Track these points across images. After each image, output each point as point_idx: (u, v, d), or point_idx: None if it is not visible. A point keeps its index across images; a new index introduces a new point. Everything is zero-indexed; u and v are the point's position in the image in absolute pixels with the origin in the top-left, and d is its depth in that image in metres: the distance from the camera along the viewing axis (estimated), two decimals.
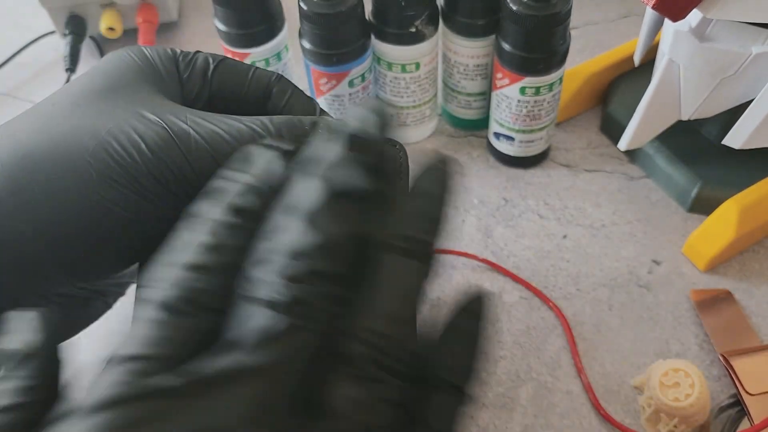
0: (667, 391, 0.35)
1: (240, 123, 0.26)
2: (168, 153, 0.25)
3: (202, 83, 0.30)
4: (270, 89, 0.31)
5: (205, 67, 0.31)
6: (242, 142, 0.25)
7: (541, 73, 0.42)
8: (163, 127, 0.26)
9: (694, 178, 0.44)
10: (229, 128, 0.26)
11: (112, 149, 0.25)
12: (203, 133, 0.26)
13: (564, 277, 0.42)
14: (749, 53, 0.37)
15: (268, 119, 0.27)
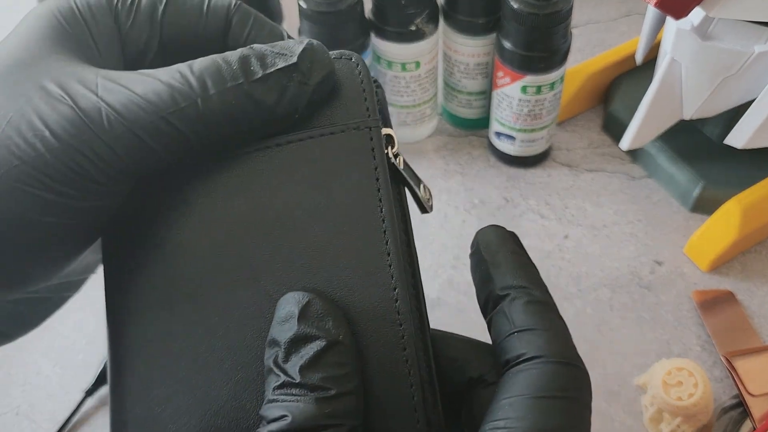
0: (670, 390, 0.35)
1: (157, 80, 0.23)
2: (78, 137, 0.22)
3: (149, 31, 0.26)
4: (229, 21, 0.26)
5: (152, 11, 0.26)
6: (161, 106, 0.22)
7: (542, 71, 0.42)
8: (69, 105, 0.22)
9: (696, 178, 0.44)
10: (146, 90, 0.22)
11: (15, 145, 0.22)
12: (117, 104, 0.22)
13: (565, 277, 0.42)
14: (752, 52, 0.37)
15: (188, 68, 0.23)
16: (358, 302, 0.22)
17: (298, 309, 0.21)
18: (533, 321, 0.22)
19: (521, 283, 0.23)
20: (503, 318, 0.23)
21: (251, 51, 0.23)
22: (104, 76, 0.23)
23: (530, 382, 0.21)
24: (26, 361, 0.41)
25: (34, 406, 0.39)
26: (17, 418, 0.38)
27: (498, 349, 0.23)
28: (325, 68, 0.24)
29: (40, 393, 0.39)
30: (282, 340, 0.21)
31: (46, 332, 0.42)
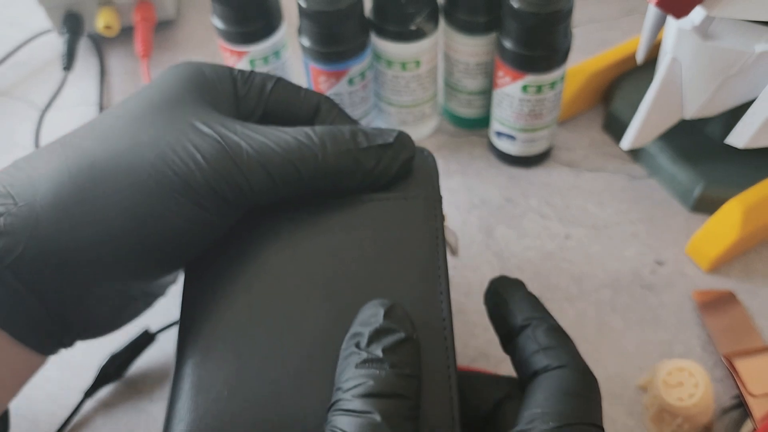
0: (671, 390, 0.35)
1: (287, 135, 0.29)
2: (222, 164, 0.28)
3: (258, 100, 0.33)
4: (318, 107, 0.34)
5: (262, 86, 0.33)
6: (290, 153, 0.28)
7: (542, 71, 0.41)
8: (216, 140, 0.28)
9: (698, 178, 0.44)
10: (278, 140, 0.29)
11: (171, 161, 0.27)
12: (254, 144, 0.28)
13: (566, 277, 0.42)
14: (753, 52, 0.37)
15: (311, 129, 0.29)
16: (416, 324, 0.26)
17: (384, 309, 0.25)
18: (555, 342, 0.27)
19: (540, 315, 0.28)
20: (528, 340, 0.27)
21: (359, 128, 0.30)
22: (243, 125, 0.29)
23: (559, 383, 0.26)
24: None
25: (33, 406, 0.39)
26: (16, 418, 0.38)
27: (526, 364, 0.27)
28: (411, 151, 0.31)
29: (40, 394, 0.39)
30: (366, 332, 0.25)
31: None
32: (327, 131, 0.30)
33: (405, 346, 0.25)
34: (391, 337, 0.25)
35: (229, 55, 0.45)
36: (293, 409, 0.25)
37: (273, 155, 0.28)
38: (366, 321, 0.25)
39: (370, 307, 0.26)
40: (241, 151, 0.28)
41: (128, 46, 0.59)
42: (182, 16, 0.61)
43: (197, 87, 0.31)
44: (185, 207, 0.27)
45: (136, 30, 0.56)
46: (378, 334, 0.25)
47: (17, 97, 0.56)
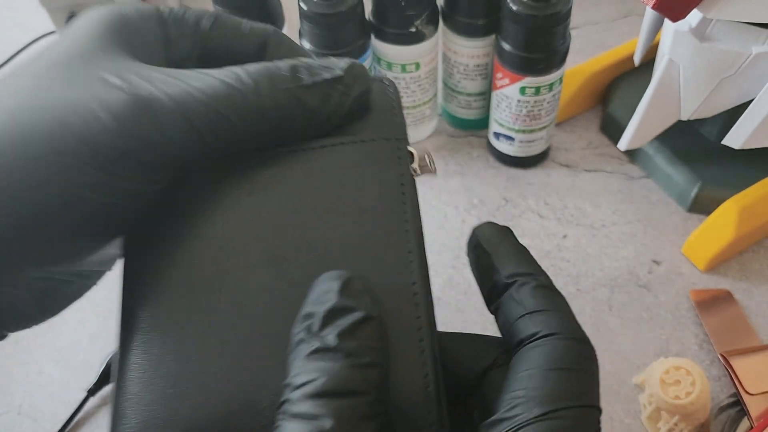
0: (668, 388, 0.35)
1: (212, 77, 0.24)
2: (134, 121, 0.23)
3: (192, 41, 0.28)
4: (266, 43, 0.29)
5: (197, 24, 0.28)
6: (217, 99, 0.24)
7: (541, 72, 0.42)
8: (127, 93, 0.23)
9: (694, 178, 0.44)
10: (202, 84, 0.24)
11: (71, 124, 0.23)
12: (174, 93, 0.24)
13: (564, 276, 0.42)
14: (749, 53, 0.37)
15: (242, 69, 0.25)
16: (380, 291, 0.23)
17: (339, 284, 0.22)
18: (543, 303, 0.23)
19: (527, 270, 0.24)
20: (513, 302, 0.24)
21: (300, 62, 0.26)
22: (160, 71, 0.24)
23: (546, 355, 0.22)
24: (28, 360, 0.41)
25: (36, 405, 0.39)
26: (19, 417, 0.39)
27: (510, 332, 0.24)
28: (364, 84, 0.26)
29: (42, 393, 0.39)
30: (319, 312, 0.21)
31: (48, 332, 0.42)
32: (262, 69, 0.25)
33: (364, 327, 0.21)
34: (346, 318, 0.21)
35: None
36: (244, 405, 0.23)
37: (195, 103, 0.24)
38: (319, 299, 0.22)
39: (323, 282, 0.22)
40: (157, 103, 0.23)
41: None
42: None
43: (113, 34, 0.26)
44: (95, 177, 0.23)
45: None
46: (332, 315, 0.21)
47: None
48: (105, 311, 0.43)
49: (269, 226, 0.25)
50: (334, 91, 0.25)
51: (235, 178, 0.25)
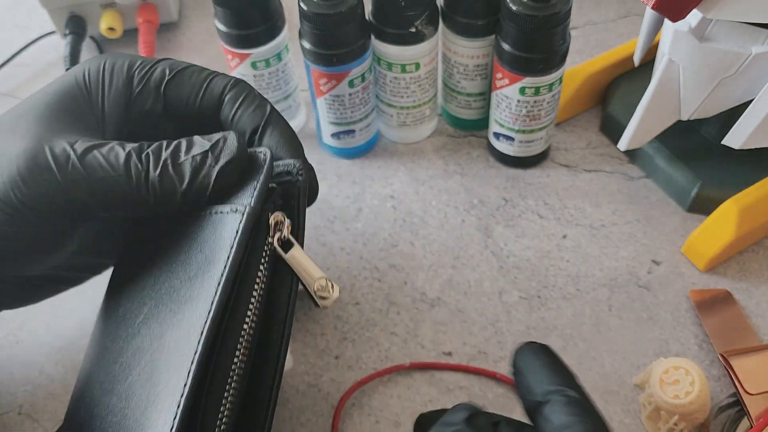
0: (667, 388, 0.35)
1: (121, 149, 0.30)
2: (38, 175, 0.29)
3: (154, 98, 0.33)
4: (222, 100, 0.33)
5: (160, 81, 0.33)
6: (115, 168, 0.29)
7: (540, 73, 0.42)
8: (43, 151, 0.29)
9: (694, 178, 0.44)
10: (108, 153, 0.29)
11: None
12: (82, 157, 0.29)
13: (564, 277, 0.43)
14: (749, 53, 0.37)
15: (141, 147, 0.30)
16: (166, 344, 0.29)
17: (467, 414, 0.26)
18: (571, 420, 0.25)
19: (558, 386, 0.26)
20: (544, 421, 0.26)
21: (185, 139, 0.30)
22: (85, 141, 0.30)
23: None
24: (28, 360, 0.41)
25: (36, 405, 0.39)
26: (19, 417, 0.39)
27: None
28: (231, 154, 0.30)
29: (43, 392, 0.40)
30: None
31: (48, 332, 0.42)
32: (155, 147, 0.30)
33: None
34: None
35: (231, 57, 0.45)
36: None
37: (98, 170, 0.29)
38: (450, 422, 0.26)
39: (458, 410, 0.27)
40: (67, 163, 0.29)
41: (131, 48, 0.59)
42: (184, 18, 0.62)
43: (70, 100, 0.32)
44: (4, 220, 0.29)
45: (139, 32, 0.56)
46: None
47: (21, 98, 0.57)
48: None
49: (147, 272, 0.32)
50: (202, 165, 0.30)
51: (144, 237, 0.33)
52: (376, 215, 0.46)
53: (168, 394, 0.27)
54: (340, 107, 0.46)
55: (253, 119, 0.32)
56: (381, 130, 0.51)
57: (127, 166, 0.29)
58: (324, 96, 0.45)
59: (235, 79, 0.33)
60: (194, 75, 0.33)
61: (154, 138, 0.32)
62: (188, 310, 0.28)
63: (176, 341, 0.28)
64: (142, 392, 0.28)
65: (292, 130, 0.33)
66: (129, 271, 0.33)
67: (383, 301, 0.42)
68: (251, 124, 0.32)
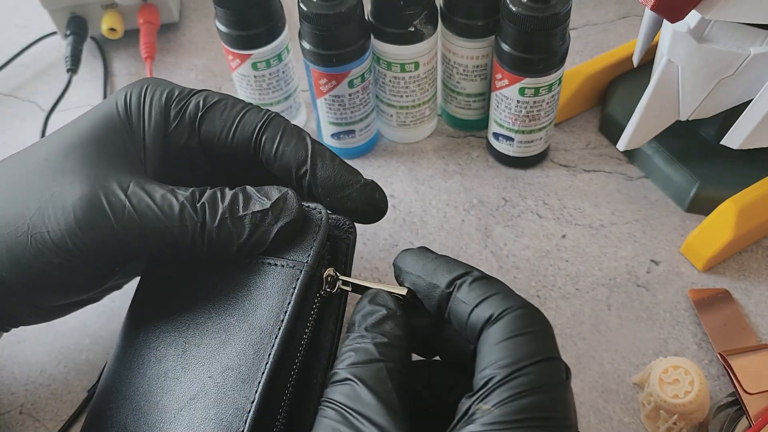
0: (667, 387, 0.35)
1: (174, 198, 0.30)
2: (95, 224, 0.29)
3: (189, 133, 0.33)
4: (260, 135, 0.33)
5: (194, 116, 0.33)
6: (170, 218, 0.30)
7: (540, 73, 0.42)
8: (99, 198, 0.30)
9: (693, 178, 0.44)
10: (162, 201, 0.30)
11: (47, 216, 0.30)
12: (137, 205, 0.30)
13: (563, 276, 0.43)
14: (748, 54, 0.37)
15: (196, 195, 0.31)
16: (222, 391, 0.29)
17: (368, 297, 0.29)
18: (483, 292, 0.27)
19: (458, 272, 0.28)
20: (459, 304, 0.27)
21: (241, 192, 0.31)
22: (138, 183, 0.31)
23: (501, 330, 0.25)
24: (30, 360, 0.41)
25: (38, 405, 0.39)
26: (21, 416, 0.39)
27: (468, 329, 0.27)
28: (291, 215, 0.31)
29: (44, 392, 0.40)
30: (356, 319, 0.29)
31: (50, 332, 0.42)
32: (209, 197, 0.31)
33: (387, 320, 0.28)
34: (373, 317, 0.28)
35: (231, 58, 0.45)
36: None
37: (152, 218, 0.30)
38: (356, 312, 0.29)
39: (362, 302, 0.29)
40: (123, 211, 0.30)
41: (132, 49, 0.59)
42: (185, 19, 0.62)
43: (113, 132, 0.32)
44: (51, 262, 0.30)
45: (140, 33, 0.56)
46: (364, 318, 0.28)
47: (23, 99, 0.57)
48: (107, 311, 0.43)
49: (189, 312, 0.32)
50: (262, 222, 0.30)
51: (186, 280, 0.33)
52: None
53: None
54: (340, 107, 0.46)
55: (297, 154, 0.33)
56: (381, 131, 0.51)
57: (182, 216, 0.30)
58: (324, 96, 0.45)
59: (269, 114, 0.33)
60: (226, 110, 0.33)
61: (192, 174, 0.33)
62: (239, 357, 0.29)
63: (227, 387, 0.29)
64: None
65: (339, 158, 0.34)
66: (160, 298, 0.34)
67: None
68: (296, 159, 0.33)
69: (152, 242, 0.30)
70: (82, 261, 0.30)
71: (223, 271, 0.32)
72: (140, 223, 0.30)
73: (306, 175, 0.33)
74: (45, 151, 0.32)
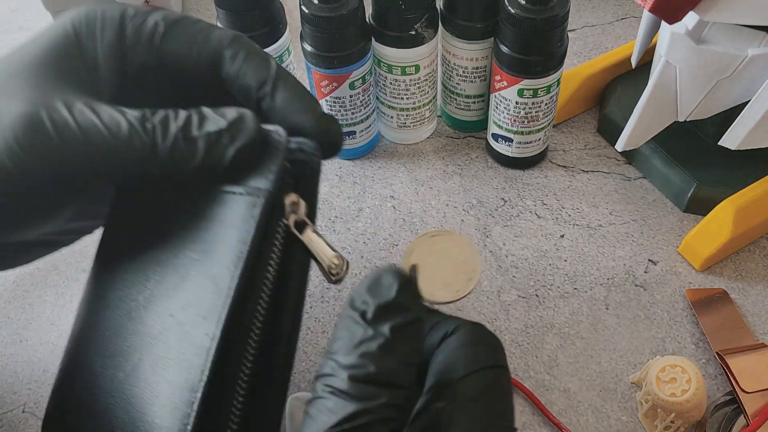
0: (664, 386, 0.35)
1: (123, 117, 0.28)
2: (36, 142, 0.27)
3: (148, 51, 0.30)
4: (221, 54, 0.31)
5: (152, 34, 0.30)
6: (117, 137, 0.27)
7: (538, 75, 0.42)
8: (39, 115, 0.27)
9: (690, 179, 0.45)
10: (109, 120, 0.28)
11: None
12: (82, 123, 0.27)
13: (561, 276, 0.43)
14: (745, 55, 0.37)
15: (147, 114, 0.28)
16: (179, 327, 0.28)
17: (398, 284, 0.24)
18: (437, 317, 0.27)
19: None
20: None
21: (196, 112, 0.29)
22: (85, 102, 0.28)
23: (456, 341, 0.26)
24: (32, 358, 0.41)
25: (41, 403, 0.39)
26: (23, 415, 0.39)
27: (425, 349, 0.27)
28: (248, 136, 0.28)
29: (47, 391, 0.40)
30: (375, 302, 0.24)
31: (52, 330, 0.42)
32: (162, 118, 0.28)
33: (415, 328, 0.24)
34: (402, 316, 0.24)
35: None
36: None
37: (98, 135, 0.27)
38: (377, 290, 0.24)
39: (385, 275, 0.25)
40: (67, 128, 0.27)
41: None
42: None
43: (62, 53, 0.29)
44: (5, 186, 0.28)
45: None
46: (387, 309, 0.24)
47: None
48: None
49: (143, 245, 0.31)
50: (217, 143, 0.28)
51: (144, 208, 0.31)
52: (377, 215, 0.46)
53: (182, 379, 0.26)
54: (341, 109, 0.46)
55: (259, 75, 0.30)
56: (381, 132, 0.51)
57: (131, 135, 0.27)
58: (325, 98, 0.46)
59: (235, 33, 0.31)
60: (190, 26, 0.31)
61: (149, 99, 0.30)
62: (198, 293, 0.27)
63: (187, 324, 0.27)
64: (151, 375, 0.27)
65: (302, 85, 0.31)
66: (123, 238, 0.32)
67: None
68: (256, 80, 0.30)
69: (99, 162, 0.28)
70: (25, 184, 0.28)
71: (183, 204, 0.30)
72: (84, 140, 0.27)
73: (265, 97, 0.30)
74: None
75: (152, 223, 0.31)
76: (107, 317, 0.30)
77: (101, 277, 0.32)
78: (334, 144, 0.31)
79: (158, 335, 0.28)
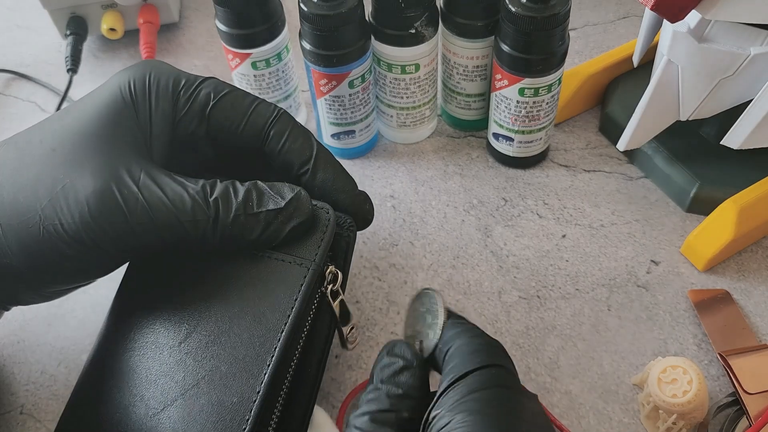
0: (665, 387, 0.35)
1: (185, 191, 0.31)
2: (109, 218, 0.30)
3: (198, 122, 0.33)
4: (268, 130, 0.34)
5: (204, 106, 0.33)
6: (182, 212, 0.30)
7: (539, 74, 0.42)
8: (111, 191, 0.30)
9: (693, 179, 0.44)
10: (173, 195, 0.30)
11: (60, 210, 0.30)
12: (149, 198, 0.30)
13: (563, 276, 0.43)
14: (748, 54, 0.37)
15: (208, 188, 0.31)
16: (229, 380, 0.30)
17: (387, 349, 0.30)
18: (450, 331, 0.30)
19: None
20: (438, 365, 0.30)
21: (254, 187, 0.31)
22: (148, 174, 0.31)
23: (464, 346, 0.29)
24: (30, 360, 0.41)
25: (38, 405, 0.39)
26: (21, 417, 0.39)
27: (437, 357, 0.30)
28: (303, 216, 0.32)
29: (45, 392, 0.40)
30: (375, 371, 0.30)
31: (50, 332, 0.42)
32: (222, 193, 0.31)
33: (403, 371, 0.29)
34: (390, 368, 0.29)
35: (231, 57, 0.45)
36: None
37: (163, 210, 0.30)
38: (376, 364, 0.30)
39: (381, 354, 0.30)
40: (136, 203, 0.30)
41: (132, 49, 0.59)
42: (185, 19, 0.62)
43: (124, 116, 0.32)
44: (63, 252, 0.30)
45: (140, 33, 0.57)
46: (382, 370, 0.29)
47: (23, 99, 0.57)
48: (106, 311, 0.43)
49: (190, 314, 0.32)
50: (274, 220, 0.31)
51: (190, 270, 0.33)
52: (377, 215, 0.46)
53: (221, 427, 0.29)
54: (340, 108, 0.46)
55: (302, 155, 0.34)
56: (381, 131, 0.51)
57: (194, 211, 0.30)
58: (324, 97, 0.45)
59: (279, 110, 0.34)
60: (238, 101, 0.34)
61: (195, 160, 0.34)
62: (243, 350, 0.30)
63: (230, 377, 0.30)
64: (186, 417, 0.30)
65: (340, 164, 0.35)
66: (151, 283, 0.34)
67: (383, 300, 0.42)
68: (299, 158, 0.34)
69: (165, 235, 0.30)
70: (95, 252, 0.30)
71: (226, 260, 0.32)
72: (152, 216, 0.30)
73: (306, 173, 0.34)
74: (50, 140, 0.32)
75: (189, 275, 0.33)
76: (135, 357, 0.32)
77: (128, 314, 0.34)
78: (365, 221, 0.35)
79: (200, 382, 0.30)
